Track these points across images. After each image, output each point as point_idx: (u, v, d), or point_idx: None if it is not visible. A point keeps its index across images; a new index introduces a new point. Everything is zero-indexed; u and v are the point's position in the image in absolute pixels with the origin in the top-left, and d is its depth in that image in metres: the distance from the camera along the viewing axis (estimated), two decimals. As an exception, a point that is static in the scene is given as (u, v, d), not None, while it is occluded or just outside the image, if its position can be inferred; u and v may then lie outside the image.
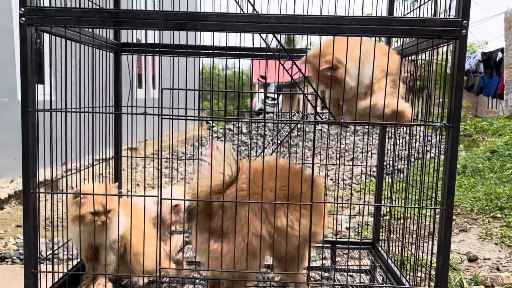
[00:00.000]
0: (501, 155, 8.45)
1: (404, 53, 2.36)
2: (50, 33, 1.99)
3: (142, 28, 1.87)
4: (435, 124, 1.91)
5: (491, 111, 18.99)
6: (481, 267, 3.60)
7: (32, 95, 1.90)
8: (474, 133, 11.64)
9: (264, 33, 1.89)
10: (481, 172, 7.32)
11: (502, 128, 12.14)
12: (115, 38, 2.86)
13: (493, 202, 5.36)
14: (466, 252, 3.90)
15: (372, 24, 1.80)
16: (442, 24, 1.79)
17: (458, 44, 1.80)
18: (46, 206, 2.12)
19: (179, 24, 1.83)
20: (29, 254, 1.97)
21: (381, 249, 3.02)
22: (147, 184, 5.98)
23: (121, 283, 2.67)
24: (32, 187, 1.94)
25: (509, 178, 6.65)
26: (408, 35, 1.92)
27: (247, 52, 2.75)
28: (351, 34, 1.84)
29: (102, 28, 2.26)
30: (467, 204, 5.43)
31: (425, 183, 2.23)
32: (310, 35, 1.86)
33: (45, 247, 3.31)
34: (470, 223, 4.83)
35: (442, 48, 2.05)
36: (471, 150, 9.77)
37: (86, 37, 2.22)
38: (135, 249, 2.38)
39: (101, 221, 2.21)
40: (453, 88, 1.84)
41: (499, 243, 4.15)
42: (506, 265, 3.63)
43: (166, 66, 2.63)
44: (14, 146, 5.25)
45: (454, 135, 1.85)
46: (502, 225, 4.68)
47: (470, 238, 4.37)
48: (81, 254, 2.38)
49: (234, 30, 1.85)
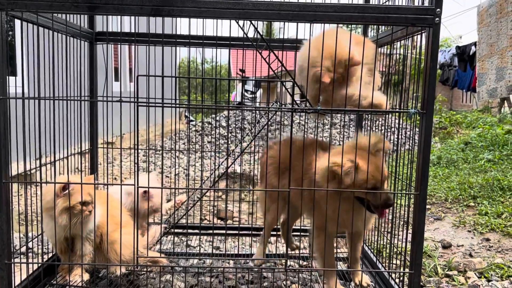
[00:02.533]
0: (474, 146, 8.67)
1: (379, 43, 2.39)
2: (21, 19, 1.94)
3: (117, 14, 1.84)
4: (410, 111, 1.94)
5: (465, 104, 19.46)
6: (455, 254, 3.70)
7: (3, 82, 1.85)
8: (449, 126, 11.90)
9: (241, 19, 1.88)
10: (455, 163, 7.50)
11: (476, 121, 12.45)
12: (90, 27, 2.80)
13: (466, 191, 5.50)
14: (441, 239, 3.99)
15: (348, 11, 1.82)
16: (416, 11, 1.82)
17: (432, 32, 1.84)
18: (20, 200, 2.08)
19: (154, 10, 1.81)
20: (2, 245, 1.93)
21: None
22: (124, 178, 5.91)
23: (98, 274, 2.64)
24: (4, 176, 1.89)
25: (482, 168, 6.83)
26: (383, 23, 1.94)
27: (224, 41, 2.73)
28: (327, 21, 1.86)
29: (75, 13, 2.21)
30: (441, 193, 5.56)
31: (401, 172, 2.28)
32: (286, 21, 1.86)
33: (19, 242, 3.24)
34: (444, 212, 4.94)
35: (417, 42, 2.08)
36: (446, 142, 10.00)
37: (59, 24, 2.17)
38: (111, 237, 2.35)
39: (89, 210, 2.20)
40: (427, 76, 1.88)
41: (471, 231, 4.26)
42: (478, 251, 3.74)
43: (144, 56, 2.60)
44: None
45: (427, 121, 1.89)
46: (474, 213, 4.81)
47: (444, 226, 4.48)
48: (56, 247, 2.34)
49: (210, 16, 1.84)
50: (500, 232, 4.15)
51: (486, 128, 9.83)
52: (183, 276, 2.81)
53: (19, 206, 2.10)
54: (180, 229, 3.16)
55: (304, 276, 2.89)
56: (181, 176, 6.31)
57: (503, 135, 8.82)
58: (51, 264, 2.43)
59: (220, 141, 9.36)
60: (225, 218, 4.43)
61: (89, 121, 2.81)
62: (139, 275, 2.74)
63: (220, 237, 3.49)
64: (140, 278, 2.73)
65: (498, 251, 3.73)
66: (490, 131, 9.49)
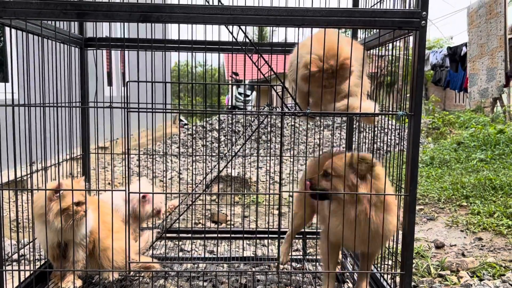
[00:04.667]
0: (466, 146, 8.74)
1: (368, 46, 2.41)
2: (10, 26, 1.94)
3: (106, 20, 1.84)
4: (398, 113, 1.96)
5: (458, 104, 19.60)
6: (447, 253, 3.72)
7: (-8, 90, 1.85)
8: (442, 126, 11.99)
9: (229, 24, 1.90)
10: (448, 163, 7.55)
11: (468, 121, 12.56)
12: (80, 32, 2.80)
13: (459, 191, 5.54)
14: (434, 239, 4.02)
15: (336, 15, 1.84)
16: (402, 15, 1.84)
17: (418, 35, 1.86)
18: (11, 207, 2.08)
19: (143, 16, 1.82)
20: (-7, 253, 1.92)
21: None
22: (118, 183, 5.90)
23: (91, 280, 2.63)
24: (-5, 184, 1.89)
25: (474, 168, 6.88)
26: (370, 26, 1.96)
27: (213, 46, 2.74)
28: (315, 25, 1.87)
29: (64, 20, 2.22)
30: (434, 194, 5.60)
31: (391, 174, 2.29)
32: (275, 26, 1.88)
33: (11, 249, 3.22)
34: (437, 212, 4.98)
35: (408, 42, 2.10)
36: (439, 142, 10.06)
37: (48, 31, 2.17)
38: (103, 244, 2.35)
39: (83, 210, 2.20)
40: (414, 78, 1.90)
41: (464, 230, 4.30)
42: (470, 251, 3.77)
43: (135, 62, 2.60)
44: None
45: (415, 123, 1.91)
46: (467, 213, 4.84)
47: (437, 226, 4.51)
48: (48, 254, 2.33)
49: (199, 22, 1.85)
50: (492, 231, 4.19)
51: (479, 128, 9.91)
52: (176, 281, 2.81)
53: (10, 213, 2.09)
54: (173, 233, 3.16)
55: (298, 279, 2.90)
56: (175, 180, 6.31)
57: (495, 135, 8.90)
58: (43, 271, 2.42)
59: (214, 144, 9.36)
60: (217, 222, 4.43)
61: (81, 127, 2.81)
62: (132, 281, 2.74)
63: (214, 241, 3.50)
64: (133, 284, 2.73)
65: (490, 250, 3.76)
66: (482, 130, 9.57)
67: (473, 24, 6.60)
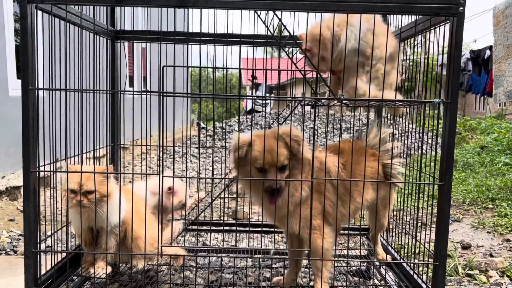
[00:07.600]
0: (490, 150, 8.57)
1: (402, 36, 2.40)
2: (50, 13, 1.98)
3: (143, 5, 1.87)
4: (434, 101, 1.94)
5: (478, 112, 19.23)
6: (475, 254, 3.65)
7: (32, 73, 1.89)
8: (463, 131, 11.78)
9: (264, 9, 1.90)
10: (472, 166, 7.42)
11: (490, 127, 12.30)
12: (112, 25, 2.85)
13: (484, 194, 5.43)
14: (460, 240, 3.95)
15: (371, 1, 1.83)
16: (440, 1, 1.82)
17: (456, 21, 1.84)
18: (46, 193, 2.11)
19: (180, 1, 1.84)
20: (29, 233, 1.96)
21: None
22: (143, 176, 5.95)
23: (117, 270, 2.66)
24: (32, 166, 1.93)
25: (500, 171, 6.74)
26: (407, 12, 1.94)
27: (234, 38, 2.75)
28: (351, 11, 1.87)
29: (103, 5, 2.26)
30: (459, 196, 5.50)
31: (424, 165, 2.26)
32: (311, 12, 1.88)
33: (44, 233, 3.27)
34: (462, 214, 4.89)
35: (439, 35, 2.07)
36: (461, 146, 9.90)
37: (87, 22, 2.22)
38: (135, 233, 2.38)
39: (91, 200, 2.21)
40: (451, 65, 1.88)
41: (491, 232, 4.21)
42: (499, 252, 3.69)
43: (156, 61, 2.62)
44: (5, 142, 5.20)
45: (452, 110, 1.88)
46: (494, 215, 4.74)
47: (463, 227, 4.43)
48: (81, 238, 2.37)
49: (235, 7, 1.86)
50: (521, 233, 4.10)
51: (502, 133, 9.72)
52: (202, 273, 2.81)
53: (45, 208, 2.13)
54: (201, 225, 3.17)
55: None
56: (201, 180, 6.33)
57: (520, 140, 8.71)
58: (75, 256, 2.45)
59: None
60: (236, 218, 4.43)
61: (110, 118, 2.85)
62: (158, 272, 2.75)
63: (237, 236, 3.50)
64: (159, 275, 2.74)
65: (519, 251, 3.67)
66: (506, 135, 9.39)
67: (499, 24, 6.50)
